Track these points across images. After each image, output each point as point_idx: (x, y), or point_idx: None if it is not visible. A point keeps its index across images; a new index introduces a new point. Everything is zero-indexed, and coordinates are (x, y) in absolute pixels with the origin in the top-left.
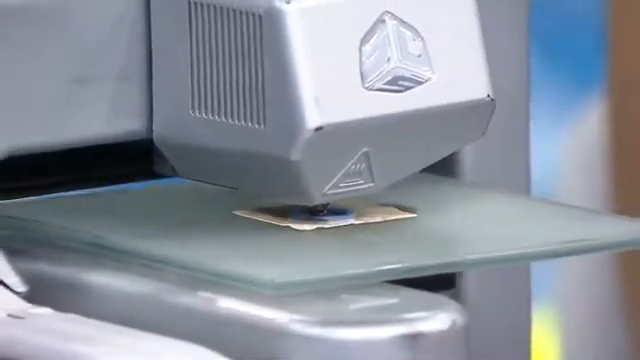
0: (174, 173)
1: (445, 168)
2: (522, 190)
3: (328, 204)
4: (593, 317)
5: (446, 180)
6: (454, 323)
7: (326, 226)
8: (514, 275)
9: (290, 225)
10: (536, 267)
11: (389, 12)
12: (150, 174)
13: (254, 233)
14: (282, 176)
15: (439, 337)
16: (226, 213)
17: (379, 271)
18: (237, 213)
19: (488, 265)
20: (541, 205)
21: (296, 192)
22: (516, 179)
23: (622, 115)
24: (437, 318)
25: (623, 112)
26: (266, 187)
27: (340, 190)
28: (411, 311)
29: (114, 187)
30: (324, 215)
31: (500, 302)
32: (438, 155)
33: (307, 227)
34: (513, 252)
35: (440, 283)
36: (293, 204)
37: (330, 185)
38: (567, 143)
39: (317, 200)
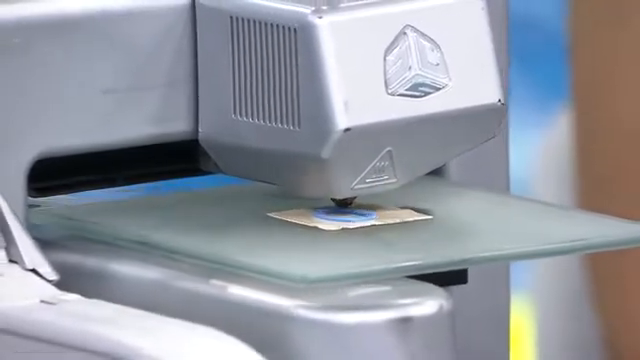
0: (217, 170)
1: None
2: (503, 189)
3: (355, 198)
4: (565, 306)
5: (451, 183)
6: (441, 308)
7: (350, 226)
8: (494, 268)
9: (318, 226)
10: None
11: (410, 26)
12: (193, 171)
13: (287, 233)
14: (314, 172)
15: (427, 321)
16: (261, 215)
17: (398, 267)
18: (270, 215)
19: (497, 262)
20: (542, 207)
21: (327, 187)
22: (497, 179)
23: (587, 119)
24: (425, 304)
25: (588, 117)
26: (300, 182)
27: (366, 185)
28: (402, 297)
29: (163, 190)
30: (349, 216)
31: (480, 292)
32: (454, 154)
33: (333, 227)
34: (517, 250)
35: (453, 278)
36: (321, 206)
37: (357, 180)
38: (541, 145)
39: (345, 194)
